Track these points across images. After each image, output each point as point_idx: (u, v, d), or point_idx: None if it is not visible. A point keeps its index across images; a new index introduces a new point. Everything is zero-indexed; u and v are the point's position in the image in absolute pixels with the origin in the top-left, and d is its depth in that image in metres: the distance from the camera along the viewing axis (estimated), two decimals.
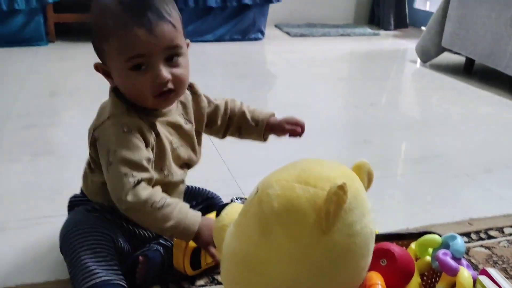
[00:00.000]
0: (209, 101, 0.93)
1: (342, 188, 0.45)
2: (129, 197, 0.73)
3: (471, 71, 2.43)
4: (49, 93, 1.92)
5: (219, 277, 0.86)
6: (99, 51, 0.78)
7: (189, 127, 0.86)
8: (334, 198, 0.45)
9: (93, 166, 0.83)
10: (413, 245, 0.77)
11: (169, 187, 0.82)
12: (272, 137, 1.57)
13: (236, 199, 0.92)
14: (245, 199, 0.92)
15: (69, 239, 0.77)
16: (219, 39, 2.89)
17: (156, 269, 0.82)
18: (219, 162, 1.35)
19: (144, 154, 0.75)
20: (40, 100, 1.84)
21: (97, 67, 0.79)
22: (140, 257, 0.80)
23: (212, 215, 0.87)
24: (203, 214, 0.84)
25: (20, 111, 1.70)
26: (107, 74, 0.78)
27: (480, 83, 2.25)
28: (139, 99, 0.77)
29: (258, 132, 0.94)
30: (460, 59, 2.57)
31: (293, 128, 0.92)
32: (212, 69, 2.37)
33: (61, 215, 0.93)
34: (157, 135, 0.79)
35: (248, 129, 0.95)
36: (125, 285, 0.75)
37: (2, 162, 1.30)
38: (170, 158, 0.82)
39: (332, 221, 0.46)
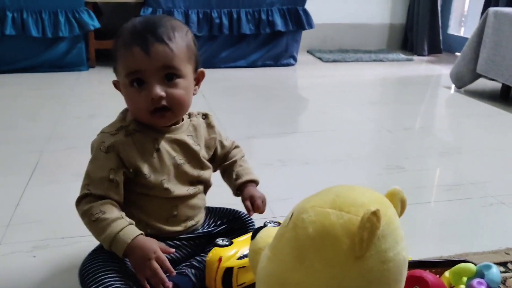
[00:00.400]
0: (222, 143, 0.98)
1: (375, 214, 0.46)
2: (77, 206, 0.82)
3: (508, 97, 2.39)
4: (88, 116, 1.99)
5: None
6: (115, 70, 0.85)
7: (198, 148, 0.91)
8: (368, 225, 0.46)
9: None
10: (447, 274, 0.77)
11: (176, 201, 0.87)
12: (306, 159, 1.59)
13: (269, 222, 0.93)
14: (278, 222, 0.93)
15: (83, 279, 0.79)
16: (252, 64, 2.94)
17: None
18: None
19: (109, 175, 0.81)
20: (79, 122, 1.91)
21: (115, 84, 0.87)
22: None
23: (244, 240, 0.89)
24: (230, 234, 0.91)
25: (61, 133, 1.77)
26: (119, 88, 0.86)
27: None
28: (138, 115, 0.83)
29: (233, 187, 0.99)
30: (495, 86, 2.53)
31: (247, 206, 0.93)
32: (244, 92, 2.42)
33: None
34: (157, 150, 0.84)
35: (229, 178, 1.00)
36: None
37: (45, 183, 1.36)
38: (171, 172, 0.86)
39: (365, 247, 0.47)
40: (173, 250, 0.82)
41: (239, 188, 0.97)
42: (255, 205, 0.93)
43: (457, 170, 1.53)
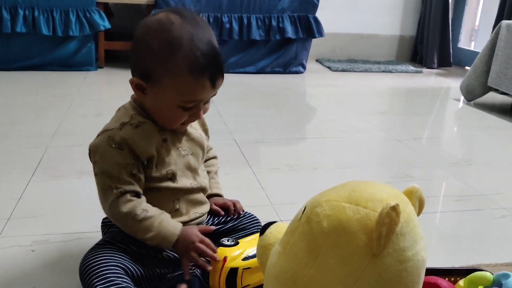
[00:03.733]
0: (208, 136, 0.98)
1: (395, 210, 0.44)
2: (112, 209, 0.79)
3: None
4: (95, 115, 1.98)
5: None
6: (147, 72, 0.79)
7: (198, 135, 0.91)
8: (387, 220, 0.44)
9: None
10: (461, 282, 0.74)
11: (178, 194, 0.86)
12: (314, 164, 1.57)
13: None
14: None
15: (84, 274, 0.77)
16: (261, 71, 2.93)
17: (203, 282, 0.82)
18: (257, 188, 1.34)
19: (126, 170, 0.79)
20: (86, 120, 1.90)
21: (136, 85, 0.81)
22: (181, 286, 0.80)
23: (250, 240, 0.87)
24: (233, 233, 0.93)
25: (67, 130, 1.75)
26: (140, 89, 0.81)
27: None
28: (165, 123, 0.83)
29: None
30: (506, 99, 2.51)
31: (217, 210, 0.96)
32: (253, 98, 2.40)
33: (100, 232, 0.95)
34: (164, 140, 0.83)
35: None
36: None
37: (48, 178, 1.34)
38: (177, 163, 0.85)
39: (384, 244, 0.44)
40: (212, 228, 0.87)
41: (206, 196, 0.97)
42: (238, 206, 0.97)
43: (467, 181, 1.50)
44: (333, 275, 0.45)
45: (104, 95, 2.36)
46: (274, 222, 0.71)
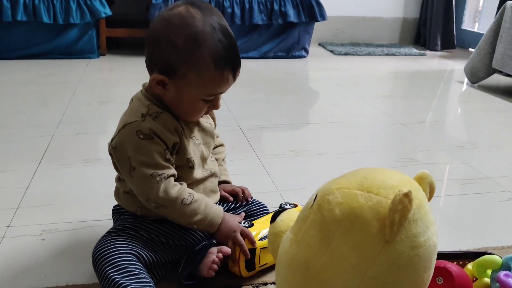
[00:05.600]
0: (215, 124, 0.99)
1: (407, 196, 0.44)
2: (161, 195, 0.79)
3: None
4: (99, 102, 1.98)
5: None
6: (171, 68, 0.78)
7: (208, 125, 0.92)
8: (399, 207, 0.44)
9: (121, 176, 0.86)
10: (469, 266, 0.74)
11: (192, 184, 0.86)
12: (319, 150, 1.57)
13: (285, 204, 0.93)
14: (294, 204, 0.92)
15: (96, 262, 0.78)
16: (263, 56, 2.92)
17: (221, 266, 0.83)
18: (263, 174, 1.35)
19: (162, 156, 0.80)
20: (90, 108, 1.90)
21: (154, 79, 0.80)
22: (225, 250, 0.82)
23: (264, 221, 0.88)
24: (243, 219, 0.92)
25: (72, 118, 1.75)
26: (161, 84, 0.80)
27: None
28: (186, 115, 0.83)
29: None
30: (510, 81, 2.49)
31: (226, 196, 0.98)
32: (256, 83, 2.39)
33: (110, 220, 0.95)
34: (182, 128, 0.84)
35: None
36: None
37: (56, 166, 1.35)
38: (192, 152, 0.86)
39: (396, 230, 0.44)
40: (243, 214, 0.92)
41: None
42: (247, 193, 0.99)
43: (472, 164, 1.50)
44: (345, 262, 0.45)
45: (107, 82, 2.35)
46: (285, 209, 0.72)
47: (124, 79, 2.34)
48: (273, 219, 0.57)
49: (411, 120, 1.91)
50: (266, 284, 0.86)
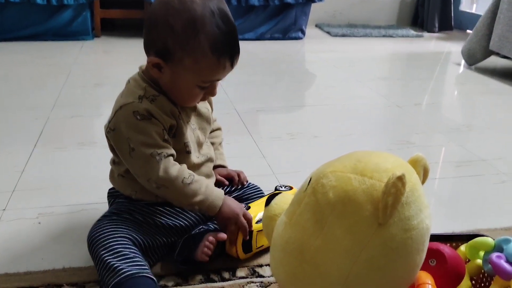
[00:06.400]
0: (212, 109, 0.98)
1: (400, 180, 0.44)
2: (161, 174, 0.78)
3: None
4: (94, 85, 1.97)
5: (260, 270, 0.86)
6: (168, 51, 0.77)
7: (205, 110, 0.91)
8: (393, 190, 0.44)
9: (117, 158, 0.86)
10: (462, 248, 0.75)
11: (190, 169, 0.85)
12: (314, 132, 1.57)
13: (280, 186, 0.93)
14: (290, 187, 0.93)
15: (92, 246, 0.79)
16: (260, 37, 2.89)
17: (217, 248, 0.84)
18: (259, 157, 1.35)
19: (160, 136, 0.80)
20: (85, 91, 1.89)
21: (151, 61, 0.79)
22: (221, 236, 0.83)
23: (260, 203, 0.89)
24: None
25: (66, 100, 1.75)
26: (157, 67, 0.79)
27: None
28: (181, 101, 0.83)
29: None
30: (507, 63, 2.48)
31: (221, 180, 0.97)
32: (252, 66, 2.38)
33: (106, 203, 0.96)
34: (179, 112, 0.83)
35: None
36: (152, 277, 0.75)
37: (51, 149, 1.35)
38: (188, 136, 0.86)
39: (389, 213, 0.45)
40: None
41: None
42: (242, 176, 0.99)
43: (467, 146, 1.51)
44: (339, 245, 0.46)
45: (102, 64, 2.33)
46: (280, 191, 0.72)
47: (118, 61, 2.32)
48: (267, 203, 0.58)
49: (408, 102, 1.91)
50: (261, 266, 0.87)
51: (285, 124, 1.63)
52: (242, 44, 0.81)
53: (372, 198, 0.46)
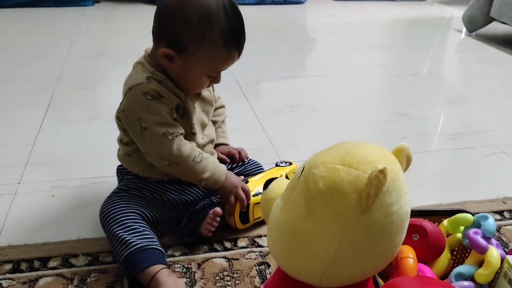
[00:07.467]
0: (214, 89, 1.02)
1: (382, 172, 0.49)
2: (175, 152, 0.83)
3: None
4: (98, 55, 1.99)
5: (259, 240, 0.93)
6: (181, 43, 0.80)
7: (208, 93, 0.95)
8: (375, 182, 0.50)
9: (125, 138, 0.91)
10: (445, 222, 0.81)
11: None
12: (314, 105, 1.61)
13: (281, 162, 1.00)
14: (289, 162, 1.00)
15: (104, 221, 0.85)
16: (260, 2, 2.88)
17: (221, 221, 0.90)
18: (259, 130, 1.40)
19: (170, 115, 0.84)
20: (89, 61, 1.92)
21: (162, 53, 0.82)
22: (217, 211, 0.88)
23: (259, 179, 0.95)
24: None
25: (71, 72, 1.78)
26: (168, 58, 0.82)
27: None
28: (189, 88, 0.87)
29: None
30: (507, 30, 2.49)
31: (223, 158, 1.02)
32: (253, 32, 2.38)
33: (115, 177, 1.00)
34: (185, 95, 0.88)
35: None
36: (161, 249, 0.81)
37: (59, 123, 1.39)
38: (194, 119, 0.90)
39: (371, 202, 0.50)
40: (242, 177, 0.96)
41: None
42: (243, 154, 1.04)
43: (462, 118, 1.55)
44: (327, 229, 0.52)
45: (104, 32, 2.34)
46: (280, 167, 0.86)
47: (120, 29, 2.33)
48: (265, 187, 0.64)
49: (406, 73, 1.94)
50: (260, 236, 0.94)
51: (285, 96, 1.66)
52: (243, 9, 0.84)
53: (357, 188, 0.51)
